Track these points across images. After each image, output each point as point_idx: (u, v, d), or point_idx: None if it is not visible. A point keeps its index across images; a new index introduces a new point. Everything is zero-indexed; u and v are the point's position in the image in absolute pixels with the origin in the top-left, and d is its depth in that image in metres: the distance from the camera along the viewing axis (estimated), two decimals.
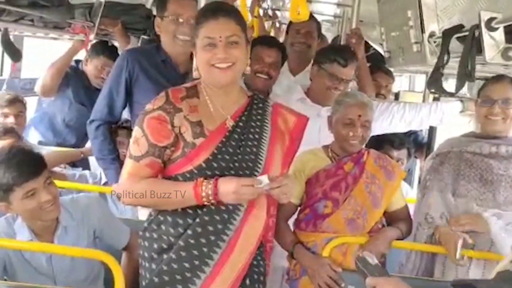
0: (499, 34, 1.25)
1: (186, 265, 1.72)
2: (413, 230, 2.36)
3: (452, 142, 2.47)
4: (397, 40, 2.39)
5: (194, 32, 1.76)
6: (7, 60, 3.41)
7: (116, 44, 3.71)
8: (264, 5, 3.60)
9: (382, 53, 2.99)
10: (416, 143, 3.67)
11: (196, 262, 1.71)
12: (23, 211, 1.93)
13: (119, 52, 3.48)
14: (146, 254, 1.79)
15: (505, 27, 1.33)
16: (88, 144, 2.97)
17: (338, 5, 3.88)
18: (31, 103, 3.47)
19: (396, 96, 4.64)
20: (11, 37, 2.63)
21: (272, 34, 5.11)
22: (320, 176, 2.25)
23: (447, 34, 1.55)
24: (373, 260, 1.61)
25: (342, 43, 3.34)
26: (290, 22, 3.41)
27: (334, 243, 2.18)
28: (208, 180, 1.68)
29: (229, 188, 1.66)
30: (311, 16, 3.31)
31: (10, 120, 2.96)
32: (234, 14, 1.76)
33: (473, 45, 1.30)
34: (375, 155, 2.31)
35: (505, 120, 2.29)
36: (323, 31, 4.31)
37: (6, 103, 2.97)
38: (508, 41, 1.26)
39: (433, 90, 1.92)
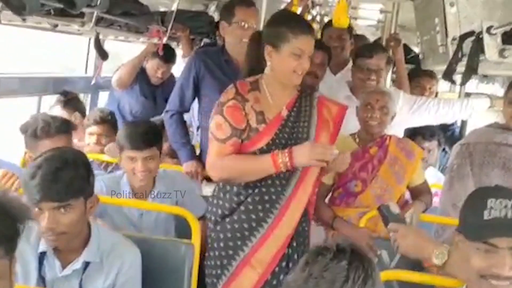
0: (497, 38, 1.61)
1: (245, 225, 2.12)
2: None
3: (479, 133, 2.73)
4: (428, 43, 2.73)
5: (283, 35, 2.03)
6: (91, 60, 3.95)
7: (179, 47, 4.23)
8: (313, 11, 3.98)
9: None
10: (452, 138, 3.98)
11: (253, 224, 2.11)
12: (125, 168, 2.42)
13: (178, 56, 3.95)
14: (212, 218, 2.20)
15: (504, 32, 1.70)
16: None
17: (381, 11, 4.24)
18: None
19: (436, 96, 4.94)
20: None
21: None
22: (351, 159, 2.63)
23: (462, 38, 1.92)
24: (395, 209, 1.91)
25: None
26: (324, 27, 3.76)
27: (368, 216, 2.51)
28: (282, 150, 2.03)
29: (304, 150, 1.99)
30: None
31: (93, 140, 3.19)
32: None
33: (478, 46, 1.67)
34: (396, 139, 2.65)
35: None
36: (368, 35, 4.67)
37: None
38: (503, 43, 1.62)
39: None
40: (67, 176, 1.70)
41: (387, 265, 2.12)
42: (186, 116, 3.25)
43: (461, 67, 1.99)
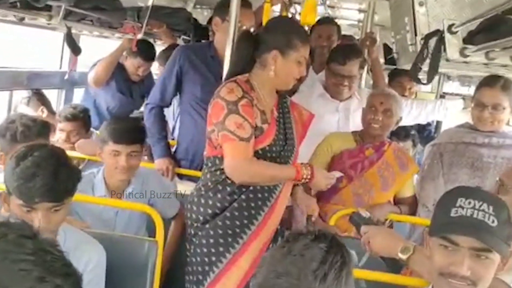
0: (458, 37, 1.61)
1: (237, 222, 2.12)
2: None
3: (449, 133, 2.78)
4: (400, 42, 2.74)
5: (293, 43, 2.11)
6: (66, 55, 3.90)
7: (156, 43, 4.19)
8: (292, 9, 3.95)
9: None
10: (428, 138, 4.01)
11: (245, 221, 2.13)
12: (106, 162, 2.41)
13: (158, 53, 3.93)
14: (201, 218, 2.15)
15: (468, 32, 1.70)
16: None
17: (359, 11, 4.24)
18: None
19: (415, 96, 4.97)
20: None
21: None
22: (344, 155, 2.63)
23: (427, 37, 1.91)
24: (366, 214, 1.95)
25: None
26: (313, 26, 3.78)
27: (339, 214, 2.52)
28: (305, 165, 2.17)
29: (323, 174, 2.21)
30: (331, 20, 3.70)
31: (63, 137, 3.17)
32: None
33: (441, 45, 1.67)
34: (396, 148, 2.67)
35: (494, 123, 2.52)
36: (351, 34, 4.68)
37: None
38: (465, 42, 1.62)
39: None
40: (65, 176, 1.69)
41: (355, 264, 2.18)
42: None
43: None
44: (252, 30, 2.53)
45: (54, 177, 1.66)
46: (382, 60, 4.03)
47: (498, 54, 1.55)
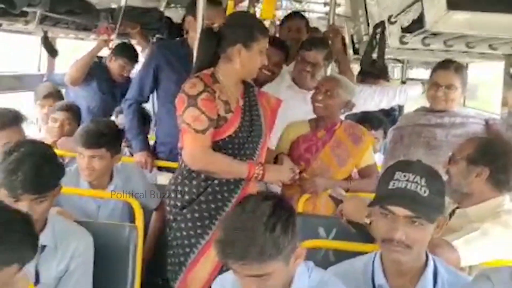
0: (397, 26, 1.80)
1: (212, 205, 2.28)
2: None
3: (407, 117, 3.01)
4: (357, 33, 2.94)
5: (254, 35, 2.27)
6: (44, 58, 4.03)
7: (133, 43, 4.34)
8: (257, 7, 4.15)
9: None
10: (393, 123, 4.21)
11: (219, 204, 2.29)
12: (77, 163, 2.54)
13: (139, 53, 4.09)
14: (178, 204, 2.31)
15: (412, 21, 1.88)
16: None
17: (324, 4, 4.44)
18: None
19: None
20: None
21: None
22: (300, 140, 2.80)
23: (375, 27, 2.11)
24: (342, 191, 2.25)
25: None
26: (283, 21, 3.97)
27: (305, 197, 2.69)
28: (259, 164, 2.30)
29: (275, 170, 2.36)
30: (299, 15, 3.89)
31: (44, 111, 3.53)
32: None
33: (384, 35, 1.85)
34: (346, 125, 2.82)
35: (447, 101, 2.75)
36: (321, 27, 4.86)
37: (43, 96, 3.58)
38: (403, 31, 1.81)
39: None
40: (47, 171, 1.84)
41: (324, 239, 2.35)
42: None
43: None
44: (215, 26, 2.67)
45: (36, 172, 1.80)
46: (350, 51, 4.23)
47: (432, 40, 1.74)
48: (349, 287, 1.67)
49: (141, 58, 4.02)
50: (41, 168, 1.82)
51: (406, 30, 1.76)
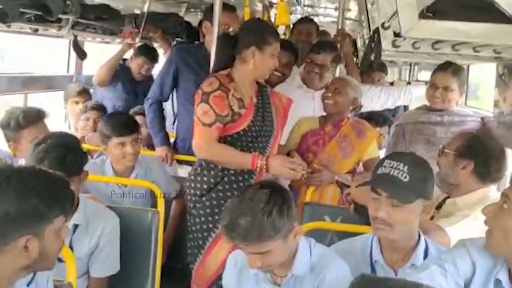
0: (390, 31, 2.01)
1: (228, 194, 2.52)
2: None
3: (410, 114, 3.22)
4: (362, 37, 3.15)
5: (267, 39, 2.49)
6: (72, 60, 4.34)
7: (155, 46, 4.62)
8: (271, 12, 4.39)
9: None
10: None
11: (235, 192, 2.48)
12: (113, 154, 2.80)
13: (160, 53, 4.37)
14: (198, 192, 2.55)
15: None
16: None
17: (335, 9, 4.66)
18: None
19: (392, 84, 5.41)
20: None
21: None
22: (308, 134, 3.03)
23: (374, 32, 2.33)
24: (347, 177, 2.45)
25: None
26: (294, 25, 4.22)
27: (312, 189, 2.92)
28: (262, 156, 2.47)
29: (277, 161, 2.46)
30: (310, 19, 4.14)
31: (79, 107, 3.85)
32: None
33: (378, 38, 2.07)
34: (353, 121, 3.05)
35: (444, 102, 2.97)
36: (332, 31, 5.09)
37: (76, 93, 3.89)
38: (395, 36, 2.02)
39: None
40: (71, 159, 2.05)
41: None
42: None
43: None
44: (230, 30, 2.92)
45: (60, 160, 2.02)
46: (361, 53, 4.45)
47: (420, 43, 1.96)
48: (348, 262, 1.88)
49: (163, 60, 4.29)
50: (65, 157, 2.04)
51: (398, 35, 1.97)
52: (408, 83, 4.29)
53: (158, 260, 2.52)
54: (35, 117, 2.70)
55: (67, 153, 2.06)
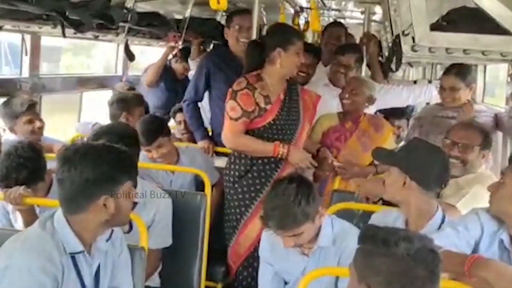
0: (409, 37, 2.32)
1: (257, 180, 2.89)
2: None
3: (427, 109, 3.57)
4: (386, 41, 3.47)
5: (291, 40, 2.82)
6: (120, 62, 4.76)
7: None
8: (301, 17, 4.71)
9: None
10: None
11: (263, 180, 2.88)
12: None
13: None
14: (231, 179, 2.94)
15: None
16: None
17: (361, 12, 4.97)
18: None
19: (415, 82, 5.69)
20: None
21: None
22: (330, 130, 3.33)
23: (396, 37, 2.64)
24: None
25: None
26: (326, 27, 4.55)
27: (339, 178, 3.20)
28: (284, 144, 2.82)
29: (298, 152, 2.83)
30: (340, 23, 4.48)
31: None
32: None
33: (399, 43, 2.39)
34: (370, 117, 3.35)
35: (453, 100, 3.31)
36: (359, 32, 5.40)
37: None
38: (413, 41, 2.33)
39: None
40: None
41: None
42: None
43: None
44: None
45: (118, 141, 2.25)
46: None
47: (436, 48, 2.28)
48: None
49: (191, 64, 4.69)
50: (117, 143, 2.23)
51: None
52: (429, 81, 4.58)
53: (205, 239, 2.80)
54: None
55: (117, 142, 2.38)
